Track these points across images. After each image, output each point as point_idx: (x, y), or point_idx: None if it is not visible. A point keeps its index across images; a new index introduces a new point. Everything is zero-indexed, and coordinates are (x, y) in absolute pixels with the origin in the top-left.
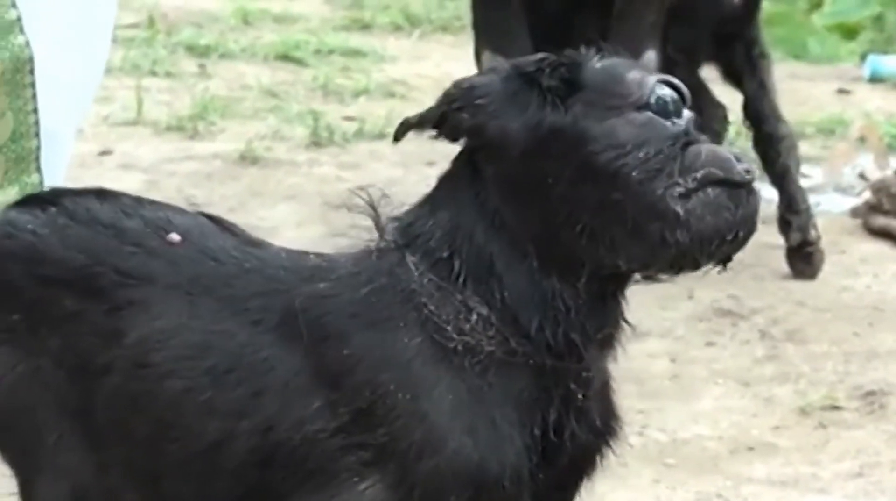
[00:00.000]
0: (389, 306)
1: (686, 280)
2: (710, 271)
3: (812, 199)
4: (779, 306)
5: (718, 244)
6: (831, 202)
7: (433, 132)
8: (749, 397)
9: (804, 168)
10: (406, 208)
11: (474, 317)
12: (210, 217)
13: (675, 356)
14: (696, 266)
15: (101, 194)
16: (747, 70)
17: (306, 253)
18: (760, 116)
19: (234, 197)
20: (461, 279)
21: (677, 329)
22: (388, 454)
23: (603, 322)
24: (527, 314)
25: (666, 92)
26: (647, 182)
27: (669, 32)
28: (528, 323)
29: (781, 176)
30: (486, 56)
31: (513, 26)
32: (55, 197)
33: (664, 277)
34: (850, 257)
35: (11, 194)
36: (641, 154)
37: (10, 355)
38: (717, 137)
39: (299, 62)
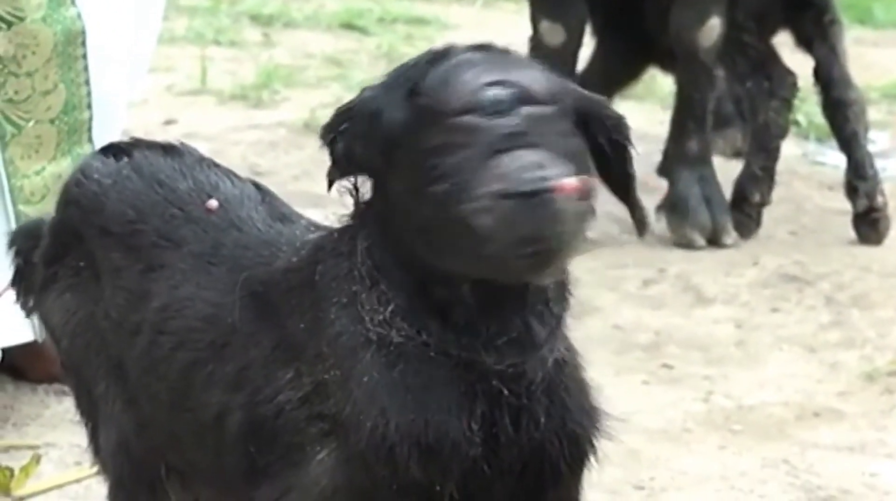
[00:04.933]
0: (329, 287)
1: (751, 246)
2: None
3: (878, 164)
4: (844, 272)
5: (524, 254)
6: None
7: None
8: (815, 363)
9: (870, 134)
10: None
11: (390, 308)
12: (258, 187)
13: (740, 322)
14: (527, 276)
15: (169, 150)
16: (818, 35)
17: (321, 227)
18: (830, 81)
19: (297, 165)
20: (385, 269)
21: (742, 295)
22: (339, 424)
23: (504, 325)
24: (425, 313)
25: (496, 93)
26: (448, 197)
27: None
28: (429, 321)
29: (849, 141)
30: (544, 25)
31: None
32: (130, 147)
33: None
34: None
35: (64, 165)
36: (447, 164)
37: (73, 301)
38: (786, 104)
39: (363, 30)
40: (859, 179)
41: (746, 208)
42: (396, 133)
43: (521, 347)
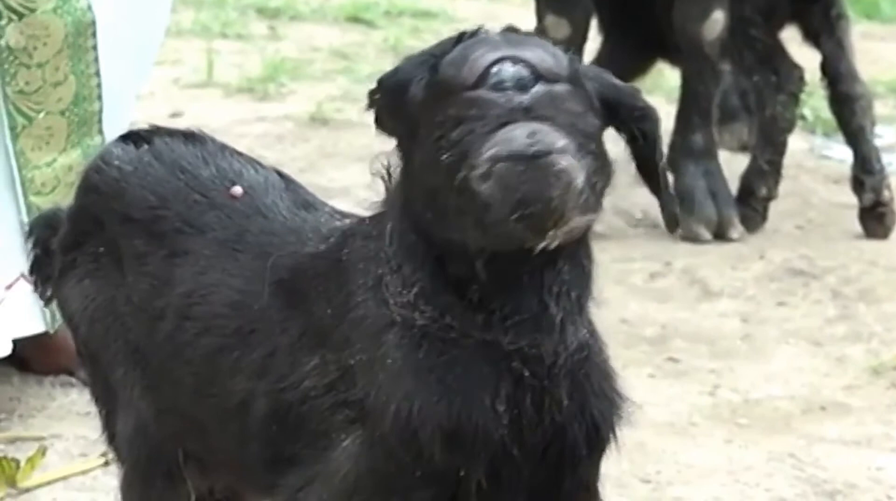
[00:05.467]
0: (356, 270)
1: (757, 240)
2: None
3: (884, 158)
4: (851, 266)
5: (520, 216)
6: None
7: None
8: (821, 357)
9: (876, 128)
10: None
11: (414, 291)
12: (281, 175)
13: (746, 316)
14: (527, 240)
15: (190, 137)
16: (825, 30)
17: (346, 215)
18: (837, 75)
19: (304, 158)
20: (410, 251)
21: (748, 289)
22: (365, 410)
23: (518, 304)
24: (447, 294)
25: (507, 69)
26: (454, 165)
27: None
28: (451, 302)
29: (856, 136)
30: (550, 19)
31: None
32: (150, 135)
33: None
34: None
35: (74, 156)
36: (455, 135)
37: (92, 287)
38: (793, 98)
39: (369, 23)
40: (866, 173)
41: (753, 201)
42: (417, 107)
43: (537, 327)
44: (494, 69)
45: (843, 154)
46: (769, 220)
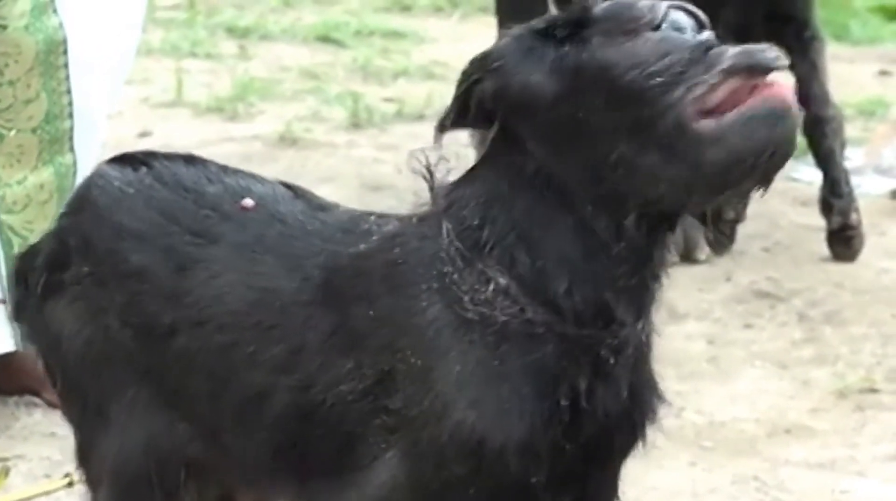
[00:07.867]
0: (415, 271)
1: (724, 262)
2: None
3: (852, 181)
4: (817, 289)
5: (753, 163)
6: (871, 184)
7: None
8: (787, 379)
9: (845, 150)
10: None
11: (491, 287)
12: (287, 185)
13: (712, 338)
14: (737, 188)
15: (190, 160)
16: (799, 52)
17: (369, 215)
18: (809, 97)
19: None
20: (486, 249)
21: (715, 311)
22: (405, 420)
23: (642, 268)
24: (557, 277)
25: (680, 16)
26: (672, 87)
27: (721, 13)
28: (555, 288)
29: (826, 158)
30: None
31: (537, 6)
32: (147, 158)
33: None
34: (889, 238)
35: (45, 174)
36: (665, 62)
37: (81, 311)
38: None
39: (339, 43)
40: (834, 196)
41: (720, 224)
42: (572, 60)
43: (638, 308)
44: (676, 13)
45: (811, 176)
46: (736, 242)
